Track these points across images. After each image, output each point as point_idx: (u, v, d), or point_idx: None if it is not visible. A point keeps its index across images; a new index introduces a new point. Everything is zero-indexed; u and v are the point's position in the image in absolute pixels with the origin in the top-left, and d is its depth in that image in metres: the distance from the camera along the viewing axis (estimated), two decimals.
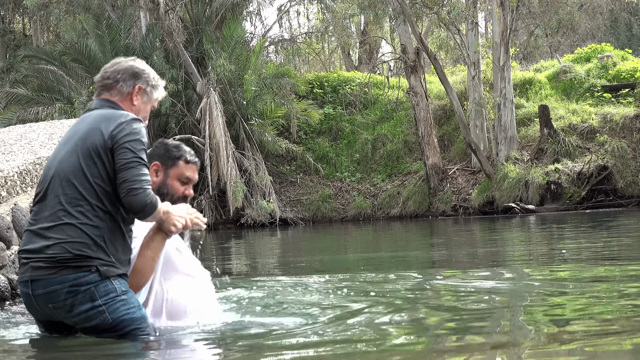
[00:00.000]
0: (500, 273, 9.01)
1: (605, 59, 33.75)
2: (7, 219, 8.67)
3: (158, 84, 5.74)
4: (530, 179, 27.36)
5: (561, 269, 9.31)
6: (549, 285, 7.57)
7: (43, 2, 37.54)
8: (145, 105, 5.71)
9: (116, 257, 5.34)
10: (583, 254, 11.30)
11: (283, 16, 45.40)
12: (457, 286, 7.90)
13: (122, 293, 5.32)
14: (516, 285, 7.82)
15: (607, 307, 6.08)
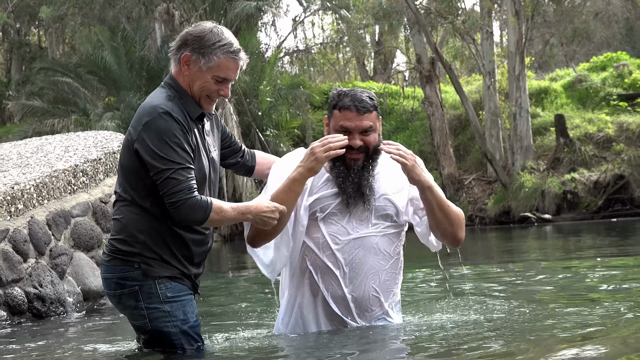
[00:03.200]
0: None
1: (621, 67, 33.68)
2: (23, 232, 8.70)
3: (212, 50, 5.07)
4: (546, 188, 27.33)
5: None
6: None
7: (58, 14, 37.69)
8: (202, 74, 5.09)
9: (165, 255, 5.11)
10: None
11: (298, 27, 45.57)
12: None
13: (167, 300, 5.10)
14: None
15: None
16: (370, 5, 35.29)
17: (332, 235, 5.37)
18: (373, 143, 5.34)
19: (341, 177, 5.36)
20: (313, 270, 5.40)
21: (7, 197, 8.68)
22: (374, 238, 5.37)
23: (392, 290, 5.47)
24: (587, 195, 27.25)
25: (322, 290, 5.39)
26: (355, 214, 5.39)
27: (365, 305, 5.38)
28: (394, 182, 5.46)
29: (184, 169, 4.92)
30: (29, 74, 42.10)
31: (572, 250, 15.33)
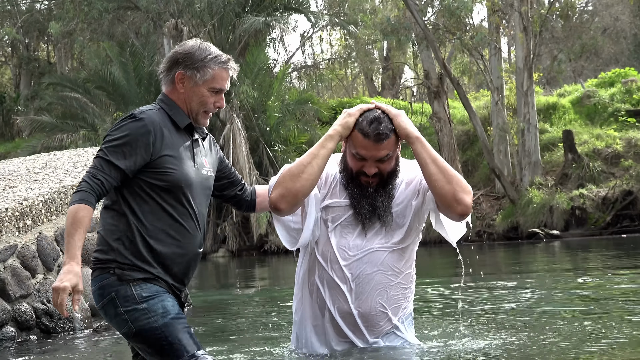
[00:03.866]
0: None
1: (629, 83, 33.68)
2: (32, 247, 8.71)
3: (206, 64, 5.17)
4: (554, 204, 27.29)
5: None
6: None
7: (67, 29, 37.80)
8: (198, 88, 5.18)
9: (138, 261, 5.05)
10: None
11: (306, 42, 45.65)
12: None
13: (143, 300, 5.01)
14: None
15: None
16: (378, 21, 35.29)
17: (342, 250, 5.35)
18: (388, 169, 5.32)
19: (355, 197, 5.34)
20: (320, 285, 5.39)
21: (15, 213, 8.69)
22: (382, 253, 5.33)
23: (402, 304, 5.42)
24: (596, 211, 27.21)
25: (328, 305, 5.36)
26: (369, 230, 5.36)
27: (372, 321, 5.33)
28: (407, 199, 5.43)
29: (104, 161, 4.94)
30: (37, 89, 42.19)
31: (583, 266, 15.30)
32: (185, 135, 5.19)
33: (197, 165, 5.18)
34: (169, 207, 5.04)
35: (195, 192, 5.13)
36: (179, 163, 5.06)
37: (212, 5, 33.25)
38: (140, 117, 5.01)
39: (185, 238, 5.10)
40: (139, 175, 5.02)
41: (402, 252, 5.40)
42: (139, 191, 5.05)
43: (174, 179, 5.02)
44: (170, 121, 5.14)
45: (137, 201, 5.06)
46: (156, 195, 5.03)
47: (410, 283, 5.46)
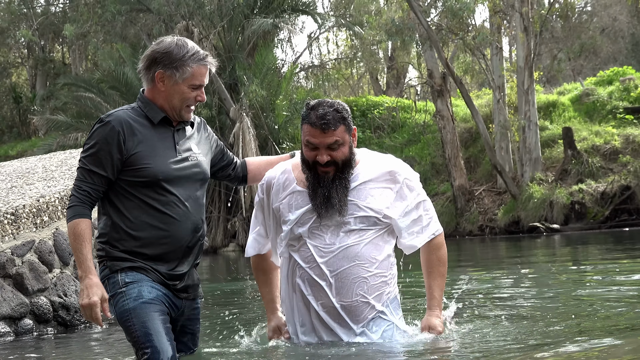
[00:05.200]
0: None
1: (627, 81, 33.62)
2: (49, 243, 8.73)
3: (184, 62, 5.16)
4: (554, 199, 27.27)
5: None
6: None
7: (82, 32, 37.85)
8: (179, 86, 5.18)
9: (126, 251, 5.11)
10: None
11: (313, 43, 45.62)
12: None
13: (124, 285, 5.06)
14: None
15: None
16: (383, 22, 35.26)
17: (317, 248, 5.35)
18: (341, 157, 5.33)
19: (311, 187, 5.37)
20: (302, 284, 5.39)
21: (32, 210, 8.71)
22: (357, 247, 5.32)
23: (384, 290, 5.40)
24: (594, 206, 27.18)
25: (312, 302, 5.37)
26: (337, 224, 5.35)
27: (356, 312, 5.33)
28: (376, 192, 5.41)
29: (85, 171, 5.05)
30: (53, 90, 42.26)
31: (584, 259, 15.30)
32: (163, 127, 5.21)
33: (181, 153, 5.22)
34: (151, 200, 5.09)
35: (179, 180, 5.16)
36: (155, 157, 5.10)
37: (221, 7, 33.28)
38: (107, 121, 5.08)
39: (173, 226, 5.12)
40: (119, 175, 5.09)
41: (377, 241, 5.40)
42: (120, 190, 5.12)
43: (150, 174, 5.06)
44: (144, 117, 5.18)
45: (120, 199, 5.13)
46: (136, 191, 5.09)
47: (389, 269, 5.45)
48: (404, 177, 5.48)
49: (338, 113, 5.30)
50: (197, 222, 5.24)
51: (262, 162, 5.87)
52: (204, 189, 5.36)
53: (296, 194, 5.44)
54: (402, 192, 5.46)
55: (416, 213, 5.49)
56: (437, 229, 5.59)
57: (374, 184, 5.41)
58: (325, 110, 5.27)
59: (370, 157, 5.56)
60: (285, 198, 5.48)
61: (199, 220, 5.25)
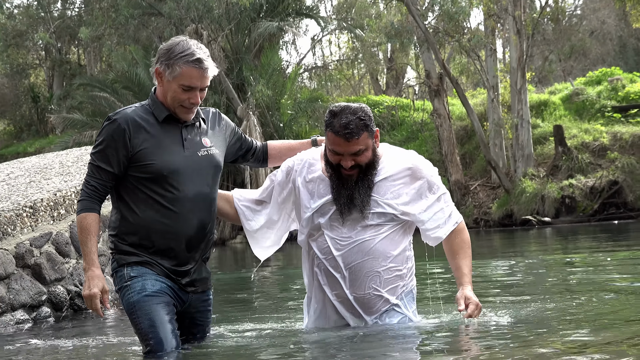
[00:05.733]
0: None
1: (615, 81, 33.59)
2: (65, 235, 8.74)
3: (175, 61, 5.02)
4: (546, 193, 27.27)
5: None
6: None
7: (96, 34, 37.84)
8: (170, 84, 5.05)
9: (132, 245, 5.07)
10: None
11: (316, 45, 45.61)
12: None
13: (130, 279, 5.03)
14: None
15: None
16: (382, 25, 35.23)
17: (334, 240, 5.28)
18: (365, 161, 5.22)
19: (335, 188, 5.27)
20: (319, 273, 5.35)
21: (50, 203, 8.72)
22: (371, 242, 5.24)
23: (398, 284, 5.33)
24: (584, 200, 27.17)
25: (327, 291, 5.33)
26: (352, 218, 5.27)
27: (369, 304, 5.28)
28: (395, 189, 5.32)
29: (93, 167, 5.02)
30: (69, 90, 42.26)
31: (573, 249, 15.31)
32: (171, 124, 5.13)
33: (189, 148, 5.12)
34: (157, 195, 5.02)
35: (186, 175, 5.07)
36: (161, 153, 5.03)
37: (229, 11, 33.27)
38: (114, 119, 5.04)
39: (178, 222, 5.05)
40: (127, 171, 5.04)
41: (393, 236, 5.32)
42: (129, 185, 5.07)
43: (155, 170, 4.99)
44: (152, 115, 5.11)
45: (129, 194, 5.08)
46: (143, 186, 5.03)
47: (405, 263, 5.37)
48: (425, 173, 5.38)
49: (361, 120, 5.16)
50: (204, 218, 5.16)
51: (284, 146, 5.79)
52: (215, 181, 5.26)
53: (319, 181, 5.36)
54: (422, 189, 5.36)
55: (438, 206, 5.38)
56: (458, 218, 5.47)
57: (394, 181, 5.32)
58: (349, 119, 5.13)
59: (391, 153, 5.47)
60: (309, 181, 5.41)
61: (206, 216, 5.17)
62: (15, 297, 7.99)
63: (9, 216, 8.22)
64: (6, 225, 8.15)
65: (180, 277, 5.11)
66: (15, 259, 8.12)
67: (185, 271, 5.13)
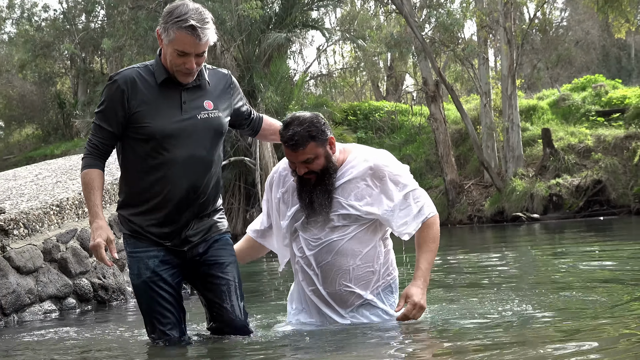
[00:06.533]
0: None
1: (598, 88, 33.53)
2: (89, 231, 8.73)
3: (170, 26, 4.73)
4: (535, 191, 27.25)
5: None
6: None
7: (118, 45, 37.87)
8: (166, 47, 4.78)
9: (123, 201, 4.95)
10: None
11: (321, 55, 45.55)
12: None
13: (128, 254, 4.95)
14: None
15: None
16: (383, 35, 35.25)
17: (307, 241, 5.24)
18: (318, 168, 5.12)
19: (298, 191, 5.24)
20: (298, 270, 5.34)
21: (75, 202, 8.73)
22: (339, 242, 5.16)
23: (371, 279, 5.22)
24: (570, 198, 27.13)
25: (304, 287, 5.32)
26: (323, 220, 5.20)
27: (342, 299, 5.23)
28: (358, 190, 5.19)
29: (95, 126, 4.84)
30: (93, 96, 42.28)
31: (559, 242, 15.30)
32: (171, 87, 4.87)
33: (188, 112, 4.86)
34: (148, 157, 4.82)
35: (180, 139, 4.82)
36: (156, 116, 4.79)
37: (241, 23, 33.26)
38: (115, 79, 4.83)
39: (166, 185, 4.83)
40: (126, 131, 4.84)
41: (361, 235, 5.21)
42: (126, 145, 4.88)
43: (149, 132, 4.77)
44: (153, 76, 4.87)
45: (126, 154, 4.91)
46: (137, 147, 4.83)
47: (376, 259, 5.25)
48: (387, 171, 5.20)
49: (307, 131, 5.05)
50: (196, 181, 4.88)
51: (271, 129, 5.48)
52: (215, 144, 4.99)
53: (292, 190, 5.32)
54: (385, 187, 5.18)
55: (404, 204, 5.15)
56: (429, 213, 5.18)
57: (357, 182, 5.19)
58: (295, 131, 5.04)
59: (359, 154, 5.31)
60: (285, 192, 5.38)
61: (199, 179, 4.89)
62: (43, 289, 8.00)
63: (37, 214, 8.23)
64: (35, 222, 8.16)
65: (170, 239, 4.92)
66: (43, 254, 8.14)
67: (175, 231, 4.92)
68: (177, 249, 4.97)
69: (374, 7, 41.94)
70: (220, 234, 5.11)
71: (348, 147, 5.37)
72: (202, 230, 5.01)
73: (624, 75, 43.69)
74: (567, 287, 7.35)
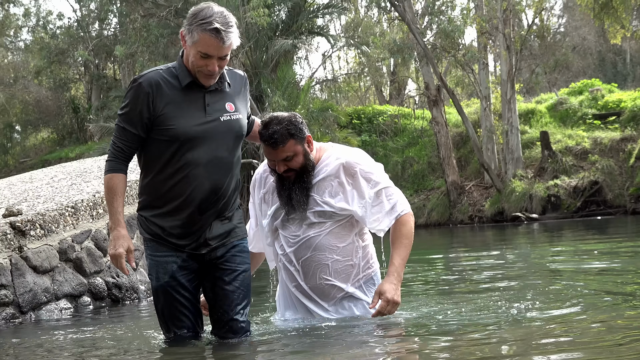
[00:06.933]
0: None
1: (595, 92, 33.48)
2: (103, 232, 8.75)
3: (195, 27, 4.64)
4: (533, 192, 27.22)
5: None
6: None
7: (130, 52, 37.86)
8: (190, 49, 4.67)
9: (144, 202, 4.83)
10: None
11: (326, 60, 45.58)
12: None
13: (148, 256, 4.85)
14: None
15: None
16: (386, 42, 35.21)
17: (287, 238, 5.24)
18: (297, 165, 5.11)
19: (277, 189, 5.23)
20: (281, 268, 5.34)
21: (89, 204, 8.73)
22: (316, 238, 5.16)
23: (351, 272, 5.21)
24: (568, 198, 27.10)
25: (287, 283, 5.30)
26: (300, 218, 5.19)
27: (324, 293, 5.22)
28: (332, 188, 5.18)
29: (119, 128, 4.71)
30: (106, 101, 42.33)
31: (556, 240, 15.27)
32: (194, 89, 4.76)
33: (212, 114, 4.77)
34: (172, 158, 4.71)
35: (203, 141, 4.72)
36: (180, 118, 4.69)
37: (249, 30, 33.24)
38: (139, 82, 4.70)
39: (189, 186, 4.73)
40: (150, 134, 4.72)
41: (337, 231, 5.20)
42: (149, 147, 4.76)
43: (173, 135, 4.66)
44: (176, 78, 4.74)
45: (149, 155, 4.79)
46: (161, 149, 4.71)
47: (354, 253, 5.23)
48: (359, 168, 5.18)
49: (286, 130, 5.05)
50: (218, 182, 4.78)
51: (257, 129, 5.28)
52: (236, 145, 4.90)
53: (272, 190, 5.32)
54: (357, 184, 5.16)
55: (376, 201, 5.13)
56: (402, 210, 5.16)
57: (332, 180, 5.18)
58: (274, 130, 5.03)
59: (334, 152, 5.29)
60: (266, 192, 5.37)
61: (220, 180, 4.79)
62: (59, 288, 8.00)
63: (53, 215, 8.22)
64: (51, 223, 8.15)
65: (190, 242, 4.83)
66: (59, 254, 8.13)
67: (196, 232, 4.82)
68: (196, 252, 4.88)
69: (378, 15, 41.97)
70: (239, 240, 5.03)
71: (323, 146, 5.36)
72: (222, 234, 4.91)
73: (619, 79, 43.65)
74: (566, 284, 7.33)
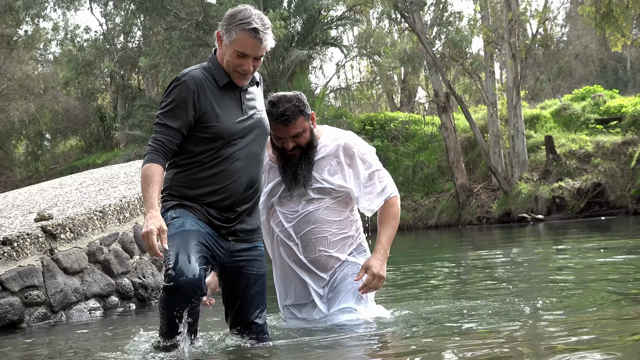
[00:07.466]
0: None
1: (597, 97, 33.36)
2: (130, 234, 8.78)
3: (233, 27, 4.63)
4: (539, 194, 27.14)
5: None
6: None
7: (153, 63, 37.95)
8: (227, 48, 4.67)
9: (181, 195, 4.68)
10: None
11: (340, 70, 45.57)
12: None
13: (172, 219, 4.63)
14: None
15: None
16: (397, 51, 35.17)
17: (284, 214, 5.28)
18: (305, 142, 5.19)
19: (281, 167, 5.25)
20: (279, 244, 5.35)
21: (117, 208, 8.76)
22: (315, 212, 5.22)
23: (346, 243, 5.29)
24: (572, 200, 27.01)
25: (285, 259, 5.32)
26: (299, 194, 5.24)
27: (322, 264, 5.26)
28: (331, 166, 5.25)
29: (161, 125, 4.61)
30: (131, 110, 42.42)
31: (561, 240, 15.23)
32: (230, 88, 4.76)
33: (247, 112, 4.79)
34: (214, 155, 4.66)
35: (242, 138, 4.71)
36: (222, 116, 4.67)
37: None
38: (183, 80, 4.64)
39: (230, 180, 4.68)
40: (191, 131, 4.66)
41: (334, 206, 5.27)
42: (188, 144, 4.69)
43: (217, 132, 4.63)
44: (213, 78, 4.71)
45: (186, 152, 4.70)
46: (202, 145, 4.65)
47: (350, 225, 5.34)
48: (357, 149, 5.29)
49: (296, 107, 5.14)
50: (254, 177, 4.78)
51: None
52: (265, 142, 4.91)
53: (268, 168, 5.32)
54: (355, 164, 5.27)
55: (369, 182, 5.28)
56: (391, 193, 5.32)
57: (331, 159, 5.26)
58: (285, 107, 5.11)
59: (330, 133, 5.38)
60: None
61: (255, 175, 4.79)
62: (88, 288, 8.03)
63: (82, 219, 8.26)
64: (80, 227, 8.19)
65: (223, 224, 4.72)
66: (88, 256, 8.17)
67: (228, 219, 4.73)
68: (224, 232, 4.75)
69: (389, 26, 41.90)
70: (258, 241, 4.97)
71: (320, 128, 5.43)
72: (249, 230, 4.85)
73: (620, 85, 43.49)
74: (572, 281, 7.30)
